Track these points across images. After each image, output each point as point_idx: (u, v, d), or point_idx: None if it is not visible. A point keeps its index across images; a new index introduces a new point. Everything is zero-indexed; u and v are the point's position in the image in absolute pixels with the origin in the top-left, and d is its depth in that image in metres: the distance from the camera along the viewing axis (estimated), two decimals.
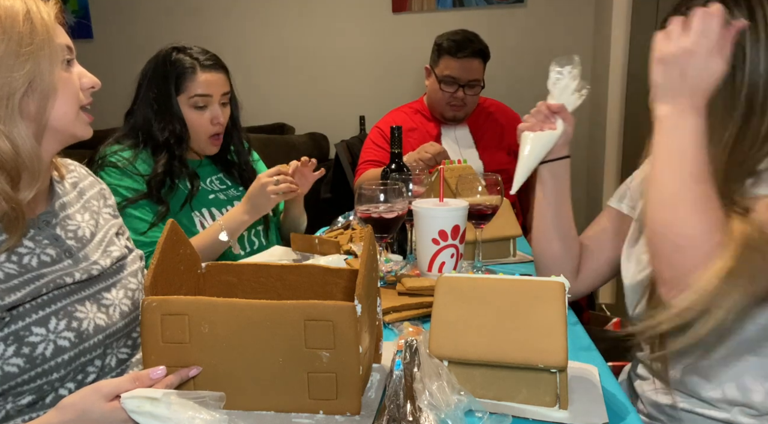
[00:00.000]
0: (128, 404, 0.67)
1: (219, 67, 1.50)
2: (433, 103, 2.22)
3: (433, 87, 2.18)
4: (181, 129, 1.47)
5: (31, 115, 0.79)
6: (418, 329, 0.96)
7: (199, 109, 1.47)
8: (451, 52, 2.10)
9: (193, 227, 1.49)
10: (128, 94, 1.53)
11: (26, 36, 0.77)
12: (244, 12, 3.60)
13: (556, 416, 0.75)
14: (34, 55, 0.77)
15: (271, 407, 0.76)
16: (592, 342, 1.00)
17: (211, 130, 1.50)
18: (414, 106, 2.30)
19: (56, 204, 0.90)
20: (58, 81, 0.81)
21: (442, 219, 1.16)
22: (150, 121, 1.46)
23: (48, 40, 0.79)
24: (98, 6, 3.77)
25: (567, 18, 3.25)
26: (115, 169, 1.41)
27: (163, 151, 1.45)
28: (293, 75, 3.63)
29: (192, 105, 1.47)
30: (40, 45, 0.78)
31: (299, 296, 0.88)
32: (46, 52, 0.79)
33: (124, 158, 1.43)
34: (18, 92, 0.77)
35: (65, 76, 0.84)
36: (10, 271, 0.78)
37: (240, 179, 1.64)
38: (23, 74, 0.76)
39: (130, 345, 0.92)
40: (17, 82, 0.76)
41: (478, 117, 2.28)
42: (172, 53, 1.48)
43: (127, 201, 1.39)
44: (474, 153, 2.21)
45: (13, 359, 0.75)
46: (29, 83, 0.78)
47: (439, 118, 2.23)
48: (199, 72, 1.46)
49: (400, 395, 0.74)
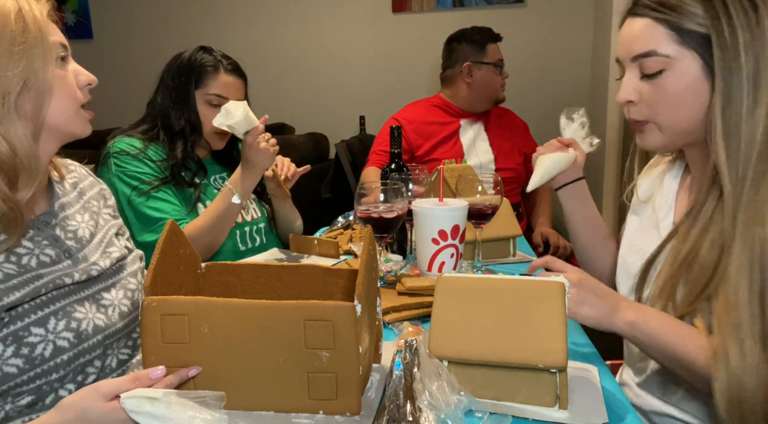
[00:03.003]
0: (128, 403, 0.67)
1: (240, 74, 1.58)
2: (483, 94, 2.28)
3: (485, 76, 2.25)
4: (195, 120, 1.53)
5: (27, 115, 0.79)
6: (418, 329, 0.96)
7: (213, 106, 1.52)
8: (494, 39, 2.27)
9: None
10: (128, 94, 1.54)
11: (19, 35, 0.77)
12: (244, 12, 3.60)
13: (556, 416, 0.75)
14: (28, 54, 0.77)
15: (270, 407, 0.76)
16: (592, 342, 1.00)
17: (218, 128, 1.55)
18: (432, 101, 2.36)
19: (56, 205, 0.90)
20: (53, 79, 0.81)
21: (441, 219, 1.16)
22: (168, 110, 1.53)
23: (41, 38, 0.79)
24: (98, 6, 3.77)
25: (567, 18, 3.25)
26: (128, 157, 1.45)
27: (180, 139, 1.52)
28: (293, 75, 3.63)
29: (207, 102, 1.53)
30: (33, 43, 0.78)
31: (299, 296, 0.88)
32: (39, 50, 0.79)
33: (135, 147, 1.47)
34: (13, 91, 0.77)
35: (60, 74, 0.84)
36: (9, 271, 0.78)
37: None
38: (17, 73, 0.76)
39: (130, 346, 0.92)
40: (12, 81, 0.76)
41: (492, 116, 2.36)
42: (198, 51, 1.55)
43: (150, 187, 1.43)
44: (488, 148, 2.29)
45: (12, 359, 0.75)
46: (24, 82, 0.77)
47: (449, 104, 2.31)
48: (222, 73, 1.54)
49: (400, 395, 0.74)
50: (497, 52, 2.26)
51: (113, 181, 1.42)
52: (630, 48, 0.91)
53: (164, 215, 1.41)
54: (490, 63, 2.25)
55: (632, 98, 0.92)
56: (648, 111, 0.92)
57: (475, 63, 2.24)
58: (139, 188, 1.42)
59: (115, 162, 1.44)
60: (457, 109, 2.30)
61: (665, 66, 0.87)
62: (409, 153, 2.25)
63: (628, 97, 0.93)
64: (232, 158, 1.67)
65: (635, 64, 0.91)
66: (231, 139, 1.62)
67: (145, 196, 1.42)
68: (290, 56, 3.61)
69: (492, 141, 2.30)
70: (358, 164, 2.56)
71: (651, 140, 0.94)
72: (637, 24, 0.90)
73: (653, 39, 0.87)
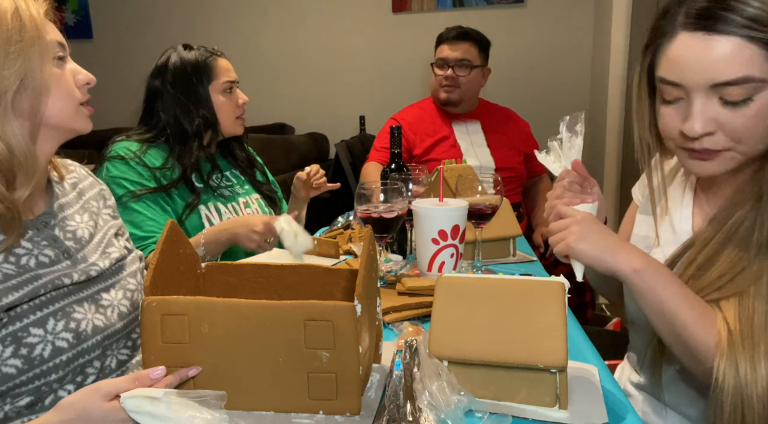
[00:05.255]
0: (128, 403, 0.67)
1: (225, 57, 1.60)
2: (433, 93, 2.33)
3: (432, 77, 2.30)
4: (211, 116, 1.55)
5: (24, 113, 0.79)
6: (418, 329, 0.96)
7: (228, 93, 1.57)
8: (442, 39, 2.29)
9: (198, 219, 1.51)
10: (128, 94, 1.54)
11: (15, 33, 0.77)
12: (244, 12, 3.60)
13: (556, 416, 0.75)
14: (24, 53, 0.77)
15: (271, 407, 0.76)
16: (592, 342, 1.00)
17: (238, 112, 1.60)
18: (429, 101, 2.39)
19: (55, 205, 0.90)
20: (50, 78, 0.81)
21: (441, 219, 1.16)
22: (177, 117, 1.52)
23: (38, 37, 0.79)
24: (98, 6, 3.77)
25: (567, 18, 3.25)
26: (120, 162, 1.44)
27: (195, 140, 1.53)
28: (293, 75, 3.63)
29: (222, 90, 1.55)
30: (29, 42, 0.78)
31: (299, 296, 0.88)
32: (36, 49, 0.79)
33: (131, 151, 1.47)
34: (10, 91, 0.76)
35: (58, 73, 0.83)
36: (8, 271, 0.78)
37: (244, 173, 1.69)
38: (14, 72, 0.76)
39: (130, 346, 0.92)
40: (8, 80, 0.76)
41: (489, 116, 2.36)
42: (187, 51, 1.55)
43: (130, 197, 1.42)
44: (485, 150, 2.28)
45: (11, 360, 0.75)
46: (21, 81, 0.77)
47: (439, 106, 2.32)
48: (219, 60, 1.56)
49: (400, 395, 0.74)
50: (442, 50, 2.26)
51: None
52: (711, 74, 0.77)
53: (134, 229, 1.40)
54: (432, 63, 2.30)
55: (710, 129, 0.79)
56: (729, 140, 0.80)
57: (432, 64, 2.32)
58: (118, 196, 1.40)
59: (107, 166, 1.44)
60: (445, 109, 2.32)
61: (756, 91, 0.76)
62: (408, 152, 2.26)
63: (708, 129, 0.79)
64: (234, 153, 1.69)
65: (716, 91, 0.78)
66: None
67: (122, 206, 1.39)
68: (290, 56, 3.61)
69: (490, 141, 2.30)
70: (358, 164, 2.57)
71: (718, 168, 0.83)
72: (720, 45, 0.76)
73: (747, 63, 0.75)
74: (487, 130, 2.32)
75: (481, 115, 2.34)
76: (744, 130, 0.78)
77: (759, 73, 0.75)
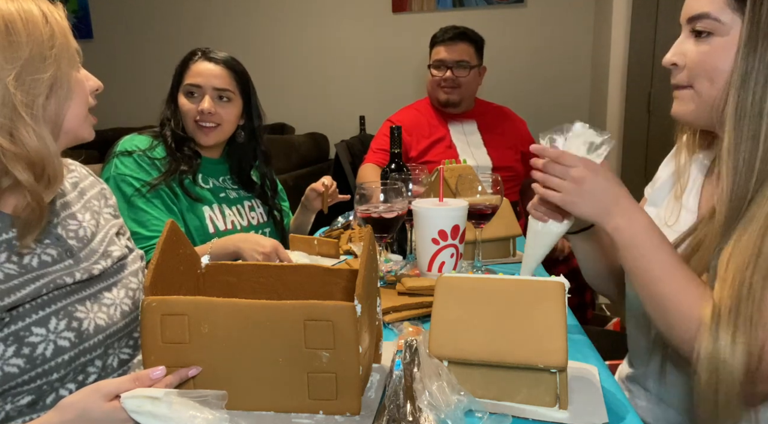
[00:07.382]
0: (128, 403, 0.67)
1: (218, 62, 1.54)
2: (430, 93, 2.32)
3: (428, 78, 2.30)
4: (172, 114, 1.55)
5: (50, 117, 0.80)
6: (418, 329, 0.96)
7: (190, 97, 1.53)
8: (437, 40, 2.27)
9: (203, 220, 1.51)
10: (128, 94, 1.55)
11: (48, 39, 0.78)
12: (245, 12, 3.60)
13: (556, 416, 0.75)
14: (57, 58, 0.79)
15: (271, 407, 0.76)
16: (592, 342, 1.00)
17: (197, 117, 1.53)
18: (424, 102, 2.39)
19: (57, 204, 0.90)
20: (75, 83, 0.83)
21: (441, 219, 1.16)
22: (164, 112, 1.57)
23: (66, 44, 0.81)
24: (98, 6, 3.77)
25: (567, 18, 3.26)
26: (128, 158, 1.45)
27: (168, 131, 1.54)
28: (293, 75, 3.64)
29: (184, 93, 1.54)
30: (60, 48, 0.80)
31: (299, 296, 0.88)
32: (65, 54, 0.81)
33: (138, 147, 1.48)
34: (42, 95, 0.78)
35: (80, 79, 0.85)
36: (10, 271, 0.78)
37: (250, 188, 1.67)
38: (48, 77, 0.78)
39: (131, 345, 0.92)
40: (43, 84, 0.78)
41: (485, 115, 2.35)
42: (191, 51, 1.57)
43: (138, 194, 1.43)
44: (482, 150, 2.28)
45: (13, 359, 0.75)
46: (51, 86, 0.79)
47: (437, 106, 2.31)
48: (197, 62, 1.53)
49: (400, 395, 0.75)
50: (439, 52, 2.26)
51: (110, 182, 1.42)
52: (687, 9, 0.88)
53: (139, 228, 1.40)
54: (430, 65, 2.29)
55: (675, 60, 0.89)
56: (688, 76, 0.88)
57: (429, 66, 2.31)
58: (127, 195, 1.42)
59: (116, 163, 1.45)
60: (441, 110, 2.31)
61: (715, 30, 0.83)
62: (404, 154, 2.25)
63: (672, 59, 0.89)
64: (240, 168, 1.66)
65: (689, 26, 0.87)
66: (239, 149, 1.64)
67: (129, 204, 1.41)
68: (291, 56, 3.61)
69: (487, 140, 2.29)
70: (358, 164, 2.56)
71: (682, 108, 0.91)
72: None
73: (710, 2, 0.84)
74: (484, 129, 2.31)
75: (478, 114, 2.33)
76: (698, 63, 0.86)
77: (716, 12, 0.83)
